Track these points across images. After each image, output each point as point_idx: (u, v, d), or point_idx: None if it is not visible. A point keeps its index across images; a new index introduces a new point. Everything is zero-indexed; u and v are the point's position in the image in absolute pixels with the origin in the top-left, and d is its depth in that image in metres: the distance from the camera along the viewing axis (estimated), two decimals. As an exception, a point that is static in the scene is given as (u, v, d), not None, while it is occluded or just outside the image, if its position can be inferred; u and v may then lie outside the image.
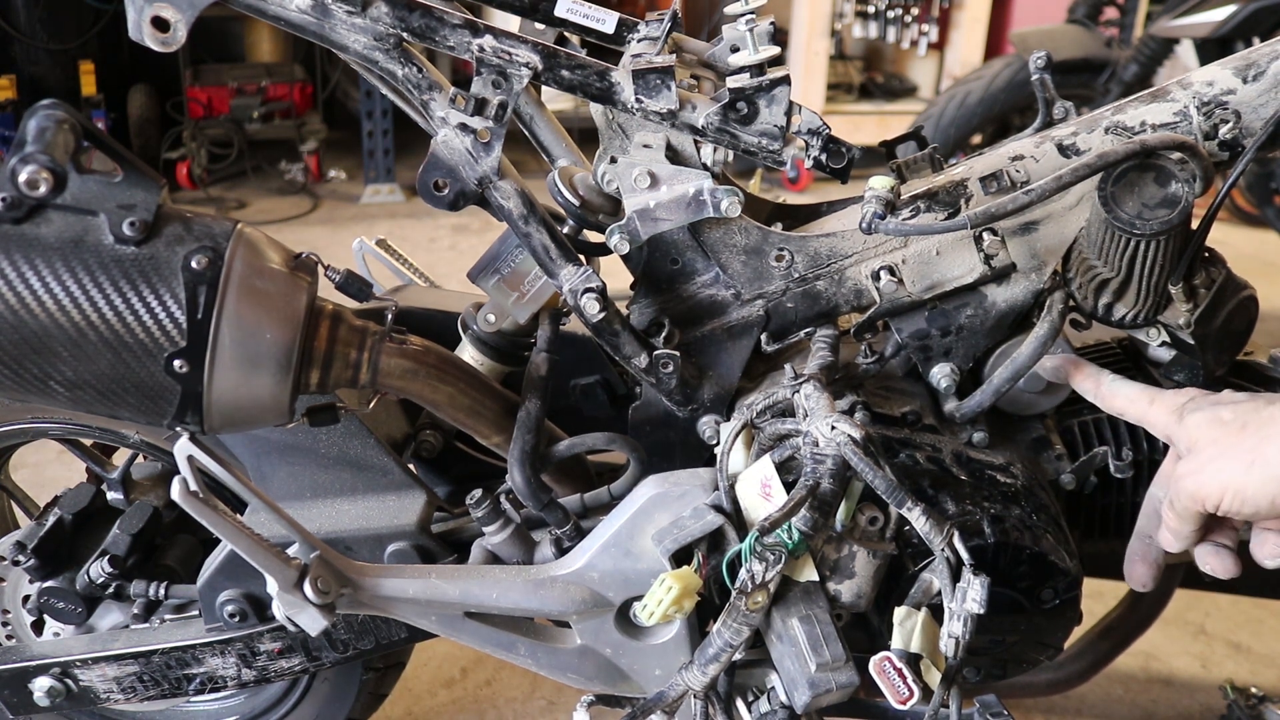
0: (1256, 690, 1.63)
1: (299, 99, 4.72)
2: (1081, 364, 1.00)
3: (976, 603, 0.85)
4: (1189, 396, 0.90)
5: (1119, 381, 0.96)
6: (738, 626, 0.87)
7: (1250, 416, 0.82)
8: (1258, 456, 0.80)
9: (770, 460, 0.92)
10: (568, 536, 1.03)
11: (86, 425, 1.20)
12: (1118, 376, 0.97)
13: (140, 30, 0.88)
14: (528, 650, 1.01)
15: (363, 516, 1.12)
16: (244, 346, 0.87)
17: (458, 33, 0.90)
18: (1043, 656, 1.08)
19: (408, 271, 1.42)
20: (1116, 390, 0.96)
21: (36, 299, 0.83)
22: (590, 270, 0.96)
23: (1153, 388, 0.94)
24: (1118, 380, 0.97)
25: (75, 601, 1.21)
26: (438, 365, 1.03)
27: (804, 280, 1.04)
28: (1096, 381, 0.98)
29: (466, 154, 0.93)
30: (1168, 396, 0.91)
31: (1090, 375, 0.99)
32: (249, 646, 1.17)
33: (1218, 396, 0.88)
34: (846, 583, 0.95)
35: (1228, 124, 0.98)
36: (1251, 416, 0.82)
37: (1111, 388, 0.96)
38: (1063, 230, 1.00)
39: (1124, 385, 0.96)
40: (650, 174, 0.96)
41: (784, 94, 0.93)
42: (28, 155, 0.82)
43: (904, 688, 0.88)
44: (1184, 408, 0.88)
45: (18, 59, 4.27)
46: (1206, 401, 0.88)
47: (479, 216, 3.62)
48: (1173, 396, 0.91)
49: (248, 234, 0.90)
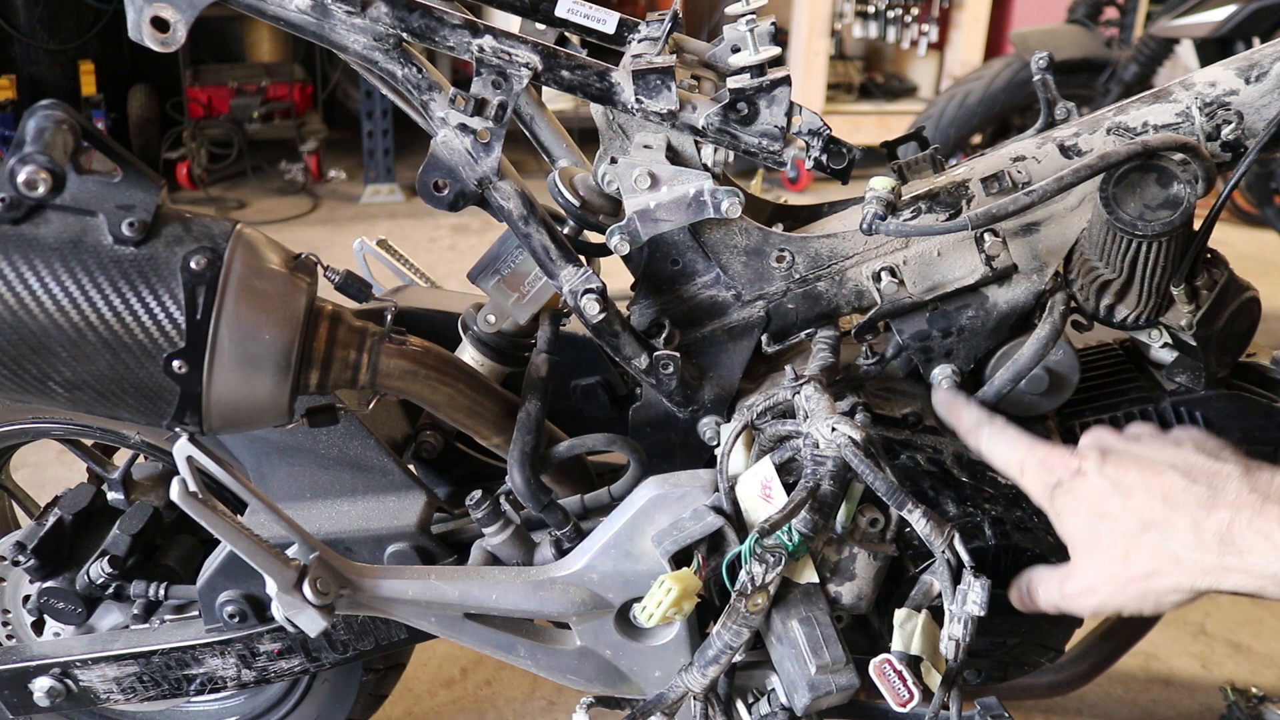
0: (1256, 690, 1.63)
1: (299, 99, 4.72)
2: (961, 411, 0.96)
3: (977, 605, 0.85)
4: (1055, 478, 0.84)
5: (998, 437, 0.91)
6: (737, 628, 0.87)
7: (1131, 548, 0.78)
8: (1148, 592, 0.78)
9: (770, 462, 0.92)
10: (568, 538, 1.03)
11: (87, 425, 1.20)
12: (1001, 428, 0.92)
13: (140, 30, 0.88)
14: (527, 651, 1.00)
15: (362, 517, 1.12)
16: (243, 347, 0.87)
17: (457, 33, 0.90)
18: (1044, 659, 1.08)
19: (408, 272, 1.42)
20: (994, 451, 0.92)
21: (35, 299, 0.83)
22: (590, 271, 0.96)
23: (1031, 444, 0.88)
24: (996, 436, 0.91)
25: (75, 602, 1.21)
26: (437, 366, 1.03)
27: (805, 281, 1.04)
28: (977, 435, 0.93)
29: (466, 154, 0.93)
30: (1036, 472, 0.87)
31: (972, 427, 0.94)
32: (249, 647, 1.17)
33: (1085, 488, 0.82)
34: (847, 584, 0.94)
35: (1230, 125, 0.97)
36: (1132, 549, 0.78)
37: (990, 447, 0.92)
38: (1064, 231, 1.00)
39: (1001, 443, 0.91)
40: (651, 175, 0.96)
41: (784, 94, 0.93)
42: (27, 155, 0.82)
43: (904, 690, 0.88)
44: (1054, 494, 0.84)
45: (18, 59, 4.27)
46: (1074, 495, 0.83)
47: (479, 217, 3.62)
48: (1040, 473, 0.86)
49: (247, 234, 0.90)
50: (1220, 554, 0.73)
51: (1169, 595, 0.78)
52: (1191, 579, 0.75)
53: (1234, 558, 0.72)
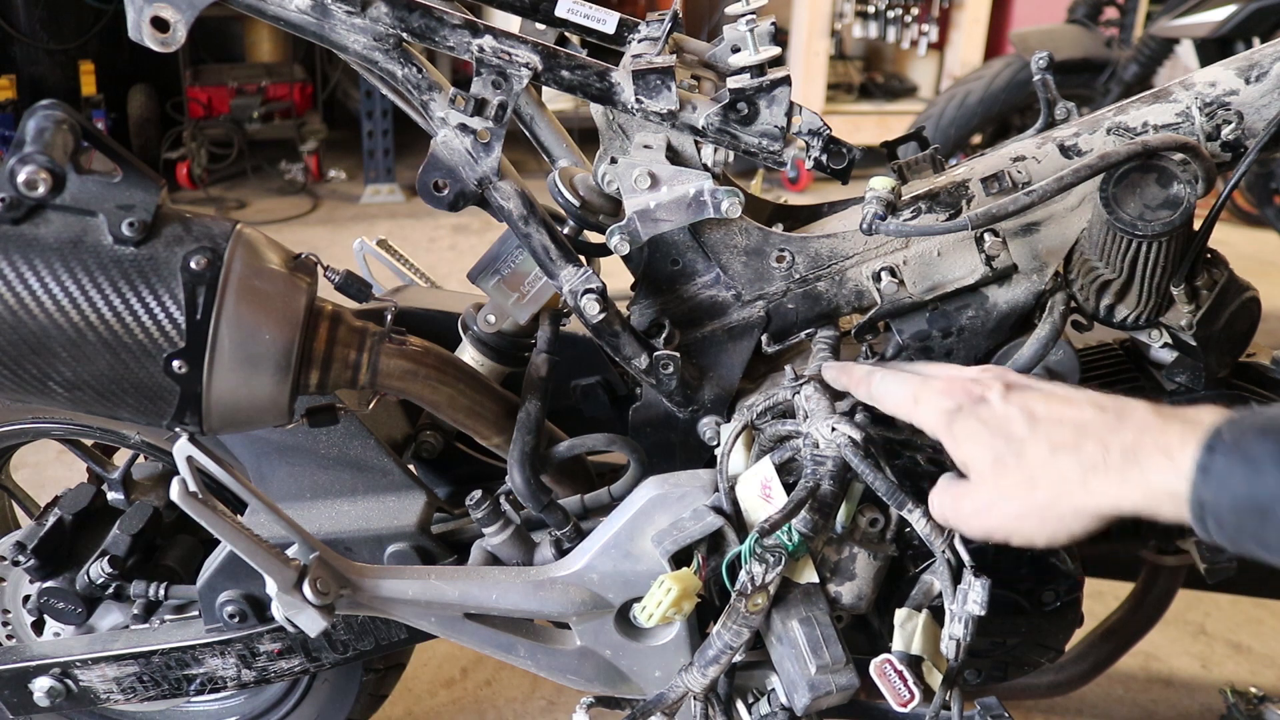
0: (1256, 690, 1.62)
1: (299, 99, 4.72)
2: (851, 368, 0.95)
3: (978, 605, 0.85)
4: (954, 402, 0.83)
5: (887, 378, 0.90)
6: (737, 628, 0.87)
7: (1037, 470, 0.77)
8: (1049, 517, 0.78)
9: (770, 462, 0.92)
10: (568, 538, 1.03)
11: (87, 425, 1.20)
12: (888, 372, 0.90)
13: (140, 30, 0.88)
14: (527, 651, 1.00)
15: (362, 517, 1.12)
16: (243, 347, 0.87)
17: (457, 33, 0.90)
18: (1044, 659, 1.08)
19: (408, 272, 1.42)
20: (886, 391, 0.89)
21: (35, 299, 0.83)
22: (590, 271, 0.96)
23: (925, 378, 0.87)
24: (886, 377, 0.90)
25: (75, 602, 1.21)
26: (437, 366, 1.03)
27: (805, 281, 1.04)
28: (868, 384, 0.91)
29: (466, 154, 0.93)
30: (932, 398, 0.85)
31: (861, 378, 0.92)
32: (249, 647, 1.17)
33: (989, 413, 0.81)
34: (847, 584, 0.94)
35: (1230, 125, 0.97)
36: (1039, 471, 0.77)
37: (881, 388, 0.90)
38: (1064, 231, 1.00)
39: (892, 383, 0.89)
40: (651, 175, 0.96)
41: (784, 94, 0.93)
42: (27, 155, 0.82)
43: (905, 690, 0.88)
44: (953, 418, 0.83)
45: (18, 59, 4.27)
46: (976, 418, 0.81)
47: (479, 217, 3.61)
48: (938, 399, 0.84)
49: (247, 234, 0.90)
50: (1123, 470, 0.73)
51: (1070, 522, 0.77)
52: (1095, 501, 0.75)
53: (1135, 471, 0.73)
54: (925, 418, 0.86)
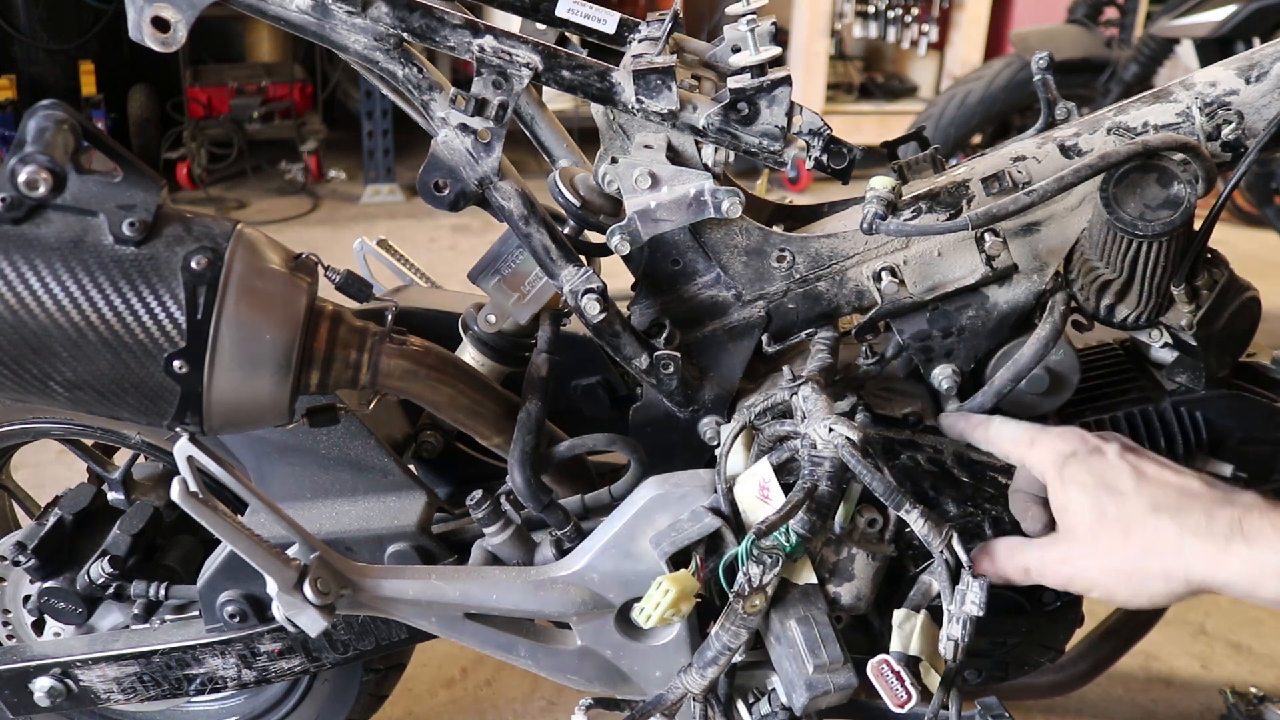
0: (1256, 690, 1.62)
1: (299, 99, 4.73)
2: (968, 416, 0.98)
3: (975, 605, 0.85)
4: (1070, 448, 0.85)
5: (1006, 423, 0.94)
6: (736, 629, 0.87)
7: (1134, 524, 0.78)
8: (1135, 573, 0.78)
9: (768, 462, 0.92)
10: (568, 538, 1.03)
11: (87, 425, 1.20)
12: (1007, 419, 0.94)
13: (140, 30, 0.88)
14: (528, 651, 1.00)
15: (363, 517, 1.12)
16: (244, 347, 0.87)
17: (458, 33, 0.90)
18: (1044, 659, 1.08)
19: (408, 272, 1.42)
20: (1002, 434, 0.93)
21: (36, 299, 0.83)
22: (591, 271, 0.96)
23: (1038, 427, 0.91)
24: (1005, 422, 0.94)
25: (75, 602, 1.21)
26: (438, 366, 1.03)
27: (805, 281, 1.04)
28: (985, 428, 0.95)
29: (467, 154, 0.93)
30: (1049, 440, 0.87)
31: (979, 423, 0.96)
32: (249, 647, 1.17)
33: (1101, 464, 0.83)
34: (846, 585, 0.94)
35: (1230, 125, 0.97)
36: (1136, 525, 0.78)
37: (998, 431, 0.94)
38: (1065, 231, 1.00)
39: (1009, 427, 0.93)
40: (651, 174, 0.96)
41: (785, 94, 0.93)
42: (27, 155, 0.82)
43: (902, 691, 0.88)
44: (1065, 462, 0.85)
45: (18, 59, 4.28)
46: (1087, 467, 0.83)
47: (479, 216, 3.61)
48: (1055, 441, 0.87)
49: (247, 234, 0.90)
50: (1226, 540, 0.73)
51: (1157, 582, 0.77)
52: (1187, 565, 0.75)
53: (1239, 543, 0.72)
54: (1039, 457, 0.87)
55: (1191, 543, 0.74)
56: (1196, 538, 0.74)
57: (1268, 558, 0.71)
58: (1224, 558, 0.73)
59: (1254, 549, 0.72)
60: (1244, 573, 0.72)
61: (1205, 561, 0.74)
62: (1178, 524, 0.76)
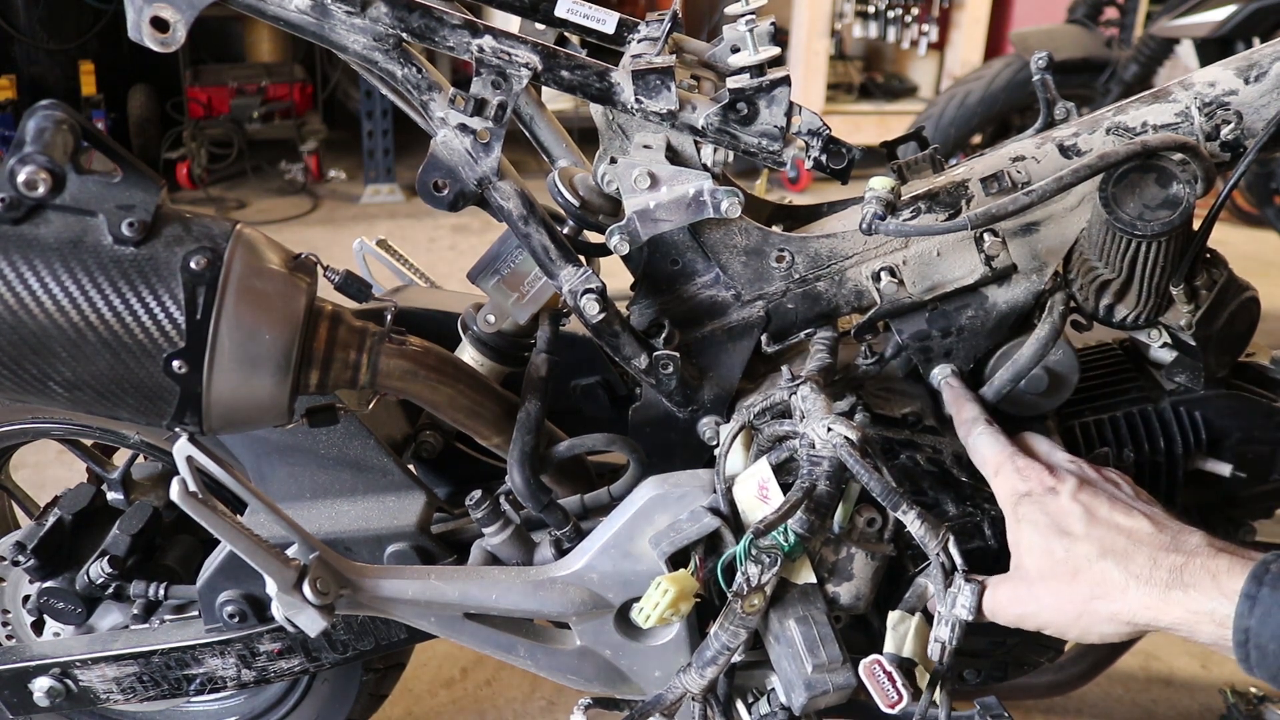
0: (1256, 690, 1.62)
1: (299, 99, 4.72)
2: (964, 406, 0.98)
3: (966, 609, 0.85)
4: (1026, 487, 0.86)
5: (985, 437, 0.93)
6: (734, 629, 0.87)
7: (1082, 568, 0.80)
8: (1083, 614, 0.81)
9: (767, 462, 0.92)
10: (567, 538, 1.03)
11: (87, 425, 1.20)
12: (993, 431, 0.94)
13: (140, 30, 0.88)
14: (527, 651, 1.00)
15: (362, 517, 1.12)
16: (243, 347, 0.87)
17: (457, 33, 0.90)
18: (1043, 659, 1.08)
19: (408, 272, 1.42)
20: (978, 447, 0.94)
21: (35, 299, 0.83)
22: (590, 271, 0.96)
23: (1015, 452, 0.90)
24: (985, 434, 0.93)
25: (75, 602, 1.21)
26: (437, 366, 1.03)
27: (804, 281, 1.04)
28: (969, 431, 0.95)
29: (466, 154, 0.93)
30: (1009, 476, 0.88)
31: (966, 422, 0.96)
32: (249, 647, 1.17)
33: (1055, 505, 0.84)
34: (845, 585, 0.94)
35: (1229, 125, 0.97)
36: (1083, 569, 0.80)
37: (976, 442, 0.94)
38: (1064, 231, 1.00)
39: (986, 444, 0.93)
40: (650, 175, 0.96)
41: (784, 94, 0.93)
42: (26, 156, 0.82)
43: (893, 692, 0.87)
44: (1020, 500, 0.86)
45: (18, 59, 4.27)
46: (1040, 507, 0.84)
47: (479, 216, 3.61)
48: (1013, 479, 0.88)
49: (247, 234, 0.90)
50: (1167, 588, 0.76)
51: (1103, 624, 0.80)
52: (1132, 610, 0.78)
53: (1179, 591, 0.75)
54: (998, 490, 0.90)
55: (1135, 588, 0.77)
56: (1139, 584, 0.77)
57: (1204, 605, 0.74)
58: (1165, 605, 0.76)
59: (1191, 597, 0.75)
60: (1183, 619, 0.75)
61: (1147, 608, 0.77)
62: (1123, 570, 0.78)
